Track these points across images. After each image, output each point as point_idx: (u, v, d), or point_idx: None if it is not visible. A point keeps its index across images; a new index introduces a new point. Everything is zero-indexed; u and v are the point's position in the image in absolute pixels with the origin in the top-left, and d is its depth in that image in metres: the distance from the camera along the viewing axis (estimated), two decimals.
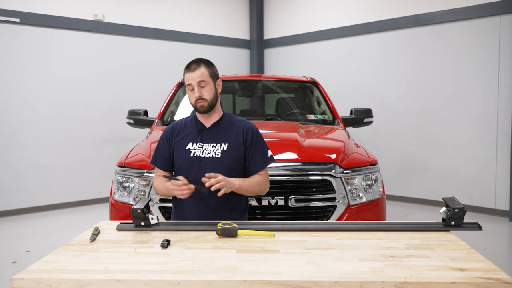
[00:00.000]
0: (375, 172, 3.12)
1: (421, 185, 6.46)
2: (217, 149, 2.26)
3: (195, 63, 2.27)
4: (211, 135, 2.29)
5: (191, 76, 2.25)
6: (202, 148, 2.27)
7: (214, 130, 2.30)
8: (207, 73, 2.25)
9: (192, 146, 2.28)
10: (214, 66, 2.33)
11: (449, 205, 1.93)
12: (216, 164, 2.23)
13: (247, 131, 2.31)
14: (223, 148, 2.26)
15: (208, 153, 2.25)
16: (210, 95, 2.25)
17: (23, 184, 5.98)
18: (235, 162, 2.27)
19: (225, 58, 8.24)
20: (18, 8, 5.86)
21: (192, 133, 2.31)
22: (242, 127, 2.32)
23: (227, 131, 2.31)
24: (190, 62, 2.30)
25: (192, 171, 2.25)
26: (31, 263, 1.58)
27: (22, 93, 5.96)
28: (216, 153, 2.25)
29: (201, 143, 2.28)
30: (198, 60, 2.29)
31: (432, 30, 6.22)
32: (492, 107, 5.70)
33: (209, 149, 2.26)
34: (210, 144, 2.27)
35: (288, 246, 1.75)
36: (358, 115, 4.38)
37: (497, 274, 1.44)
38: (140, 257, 1.64)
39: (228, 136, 2.29)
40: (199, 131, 2.30)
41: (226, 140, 2.28)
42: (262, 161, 2.31)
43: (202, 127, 2.31)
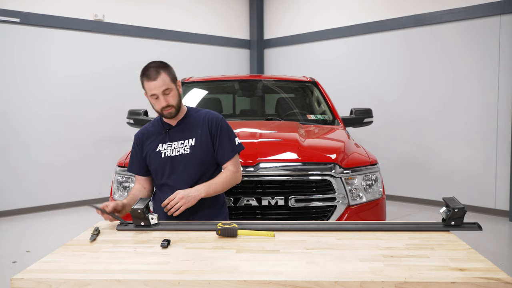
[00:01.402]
0: (375, 172, 3.11)
1: (421, 185, 6.46)
2: (185, 146, 2.28)
3: (153, 71, 2.20)
4: (178, 133, 2.32)
5: (154, 85, 2.19)
6: (172, 147, 2.29)
7: (180, 128, 2.33)
8: (169, 79, 2.22)
9: (162, 147, 2.31)
10: (171, 67, 2.29)
11: (449, 205, 1.93)
12: (187, 160, 2.26)
13: (212, 122, 2.33)
14: (191, 143, 2.28)
15: (178, 151, 2.28)
16: (175, 100, 2.25)
17: (23, 184, 5.98)
18: (205, 155, 2.29)
19: (225, 58, 8.24)
20: (18, 8, 5.86)
21: (160, 135, 2.34)
22: (206, 119, 2.34)
23: (193, 126, 2.33)
24: (147, 69, 2.21)
25: (166, 171, 2.29)
26: (31, 263, 1.58)
27: (22, 93, 5.96)
28: (185, 150, 2.27)
29: (169, 143, 2.30)
30: (156, 66, 2.22)
31: (432, 30, 6.22)
32: (492, 107, 5.70)
33: (178, 147, 2.29)
34: (178, 142, 2.30)
35: (288, 246, 1.75)
36: (358, 115, 4.38)
37: (497, 274, 1.44)
38: (140, 257, 1.64)
39: (194, 131, 2.31)
40: (166, 132, 2.32)
41: (193, 135, 2.30)
42: (230, 150, 2.33)
43: (168, 127, 2.33)
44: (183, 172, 2.27)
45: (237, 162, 2.36)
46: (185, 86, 4.57)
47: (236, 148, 2.35)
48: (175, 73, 2.31)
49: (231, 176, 2.30)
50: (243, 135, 3.31)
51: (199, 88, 4.69)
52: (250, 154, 2.87)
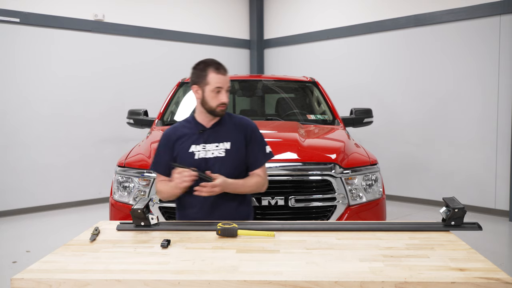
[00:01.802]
0: (375, 172, 3.12)
1: (421, 185, 6.46)
2: (220, 149, 2.26)
3: (223, 66, 2.23)
4: (213, 135, 2.29)
5: (224, 79, 2.21)
6: (206, 149, 2.26)
7: (215, 130, 2.30)
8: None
9: (196, 148, 2.26)
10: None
11: (449, 205, 1.93)
12: (221, 163, 2.24)
13: (247, 128, 2.33)
14: (226, 147, 2.26)
15: (212, 153, 2.25)
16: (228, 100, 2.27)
17: (23, 184, 5.98)
18: (238, 159, 2.28)
19: (225, 58, 8.20)
20: (18, 8, 5.86)
21: (193, 135, 2.29)
22: (242, 125, 2.33)
23: (228, 130, 2.31)
24: (214, 62, 2.23)
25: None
26: (31, 263, 1.58)
27: (22, 93, 5.96)
28: (220, 153, 2.25)
29: (204, 144, 2.26)
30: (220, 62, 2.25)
31: (432, 30, 6.22)
32: (492, 107, 5.70)
33: (213, 149, 2.26)
34: (213, 144, 2.27)
35: (288, 246, 1.75)
36: (358, 115, 4.38)
37: (497, 274, 1.44)
38: (140, 257, 1.64)
39: (229, 135, 2.29)
40: (201, 133, 2.29)
41: (228, 139, 2.28)
42: (261, 158, 2.33)
43: (203, 128, 2.30)
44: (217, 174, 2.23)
45: (265, 171, 2.37)
46: (185, 86, 4.57)
47: (267, 156, 2.35)
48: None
49: (259, 184, 2.31)
50: None
51: None
52: None
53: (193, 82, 2.26)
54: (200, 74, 2.22)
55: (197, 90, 2.24)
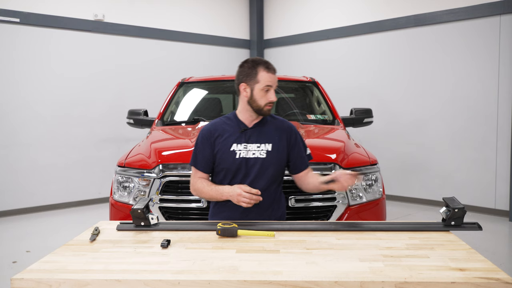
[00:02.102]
0: (375, 172, 3.11)
1: (421, 185, 6.46)
2: (261, 149, 2.24)
3: (271, 65, 2.23)
4: (254, 135, 2.27)
5: (273, 78, 2.21)
6: (247, 148, 2.24)
7: (257, 130, 2.28)
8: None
9: (237, 147, 2.24)
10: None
11: (449, 205, 1.93)
12: (262, 164, 2.23)
13: (290, 131, 2.33)
14: (267, 148, 2.25)
15: (253, 153, 2.24)
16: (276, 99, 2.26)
17: (23, 184, 5.98)
18: (279, 162, 2.27)
19: (225, 58, 8.23)
20: (18, 8, 5.86)
21: (234, 134, 2.26)
22: (284, 127, 2.32)
23: (270, 131, 2.29)
24: (264, 61, 2.22)
25: (239, 173, 2.24)
26: (31, 263, 1.58)
27: (22, 93, 5.96)
28: (261, 154, 2.24)
29: (245, 144, 2.24)
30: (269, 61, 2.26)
31: (432, 30, 6.22)
32: (492, 107, 5.70)
33: (254, 149, 2.24)
34: (254, 144, 2.25)
35: (288, 246, 1.75)
36: (358, 115, 4.38)
37: (497, 274, 1.44)
38: (140, 257, 1.64)
39: (271, 136, 2.27)
40: (243, 132, 2.26)
41: (270, 140, 2.27)
42: (305, 161, 2.35)
43: (245, 127, 2.27)
44: (256, 176, 2.23)
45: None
46: (185, 86, 4.57)
47: (309, 157, 2.38)
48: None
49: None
50: None
51: (199, 88, 4.69)
52: None
53: (241, 80, 2.24)
54: (249, 72, 2.20)
55: (245, 88, 2.22)
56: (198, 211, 2.88)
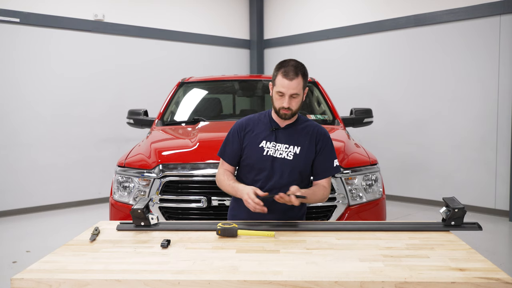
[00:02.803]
0: (375, 172, 3.11)
1: (421, 185, 6.46)
2: (289, 151, 2.23)
3: (293, 70, 2.14)
4: (285, 136, 2.26)
5: (288, 84, 2.13)
6: (275, 148, 2.24)
7: (288, 131, 2.27)
8: (302, 85, 2.18)
9: (266, 144, 2.24)
10: (307, 74, 2.24)
11: (449, 205, 1.93)
12: (287, 166, 2.22)
13: (320, 136, 2.29)
14: (295, 151, 2.23)
15: (280, 153, 2.23)
16: (297, 106, 2.21)
17: (23, 184, 5.98)
18: (305, 166, 2.25)
19: (225, 58, 8.24)
20: (18, 8, 5.86)
21: (265, 131, 2.27)
22: (316, 132, 2.29)
23: (301, 134, 2.27)
24: (287, 65, 2.16)
25: (264, 170, 2.23)
26: (31, 263, 1.58)
27: (22, 93, 5.96)
28: (288, 155, 2.22)
29: (274, 143, 2.24)
30: (298, 66, 2.18)
31: (432, 30, 6.22)
32: (492, 107, 5.70)
33: (282, 149, 2.23)
34: (283, 145, 2.24)
35: (288, 246, 1.75)
36: (358, 115, 4.38)
37: (497, 274, 1.44)
38: (140, 257, 1.64)
39: (301, 140, 2.26)
40: (273, 130, 2.26)
41: (299, 143, 2.25)
42: (329, 169, 2.28)
43: (277, 126, 2.27)
44: (281, 177, 2.22)
45: (330, 183, 2.31)
46: (185, 86, 4.57)
47: (334, 170, 2.30)
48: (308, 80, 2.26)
49: (325, 195, 2.26)
50: None
51: (199, 88, 4.69)
52: None
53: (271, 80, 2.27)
54: (274, 73, 2.22)
55: (271, 88, 2.26)
56: (198, 211, 2.88)
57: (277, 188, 2.19)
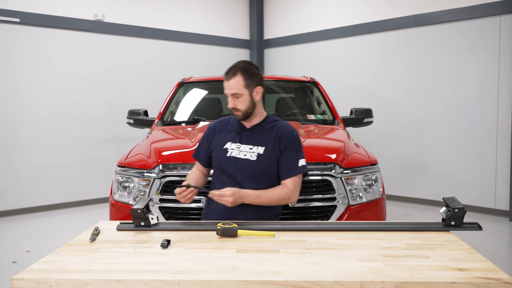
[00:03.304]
0: (375, 172, 3.11)
1: (421, 185, 6.46)
2: (253, 152, 2.24)
3: (231, 71, 2.19)
4: (249, 136, 2.27)
5: (225, 85, 2.20)
6: (239, 149, 2.25)
7: (253, 132, 2.28)
8: (241, 84, 2.17)
9: (230, 145, 2.27)
10: (254, 72, 2.21)
11: (449, 205, 1.93)
12: (251, 167, 2.22)
13: (284, 136, 2.26)
14: (259, 151, 2.24)
15: (244, 154, 2.24)
16: (244, 106, 2.20)
17: (23, 184, 5.98)
18: (270, 167, 2.24)
19: (225, 58, 8.23)
20: (18, 8, 5.86)
21: (232, 133, 2.30)
22: (280, 131, 2.27)
23: (267, 134, 2.27)
24: (230, 67, 2.22)
25: (227, 171, 2.25)
26: (31, 263, 1.58)
27: (22, 93, 5.96)
28: (252, 156, 2.23)
29: (239, 144, 2.26)
30: (238, 66, 2.20)
31: (432, 30, 6.22)
32: (492, 107, 5.70)
33: (246, 150, 2.24)
34: (247, 145, 2.25)
35: (288, 246, 1.75)
36: (358, 115, 4.38)
37: (497, 274, 1.44)
38: (140, 257, 1.64)
39: (266, 140, 2.26)
40: (239, 132, 2.29)
41: (264, 143, 2.25)
42: (290, 169, 2.23)
43: (242, 127, 2.29)
44: (245, 177, 2.22)
45: (297, 183, 2.25)
46: (185, 86, 4.57)
47: (297, 170, 2.23)
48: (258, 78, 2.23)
49: (286, 195, 2.20)
50: None
51: (199, 88, 4.69)
52: None
53: None
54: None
55: None
56: (198, 211, 2.88)
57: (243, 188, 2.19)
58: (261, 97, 2.28)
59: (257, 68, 2.27)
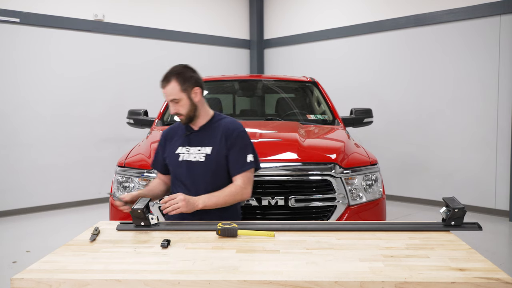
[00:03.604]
0: (375, 172, 3.11)
1: (421, 185, 6.46)
2: (201, 153, 2.26)
3: (166, 77, 2.23)
4: (198, 138, 2.29)
5: (164, 92, 2.24)
6: (189, 152, 2.28)
7: (201, 134, 2.30)
8: (178, 89, 2.19)
9: (181, 150, 2.30)
10: (188, 75, 2.22)
11: (449, 205, 1.93)
12: (202, 169, 2.24)
13: (229, 132, 2.27)
14: (207, 152, 2.25)
15: (194, 157, 2.26)
16: (185, 109, 2.22)
17: (23, 184, 5.98)
18: (219, 166, 2.25)
19: (225, 58, 8.23)
20: (18, 8, 5.86)
21: (182, 137, 2.33)
22: (226, 129, 2.28)
23: (213, 133, 2.29)
24: (165, 73, 2.25)
25: (181, 176, 2.28)
26: (31, 263, 1.58)
27: (22, 93, 5.96)
28: (200, 157, 2.25)
29: (188, 147, 2.29)
30: (171, 72, 2.22)
31: (432, 30, 6.22)
32: (492, 107, 5.70)
33: (195, 153, 2.27)
34: (196, 147, 2.28)
35: (288, 246, 1.74)
36: (358, 115, 4.38)
37: (497, 274, 1.44)
38: (140, 257, 1.64)
39: (213, 139, 2.27)
40: (187, 135, 2.31)
41: (211, 143, 2.27)
42: (239, 166, 2.24)
43: (191, 130, 2.32)
44: (197, 179, 2.24)
45: (247, 179, 2.25)
46: None
47: (246, 165, 2.24)
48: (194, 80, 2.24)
49: (236, 192, 2.21)
50: None
51: None
52: None
53: None
54: None
55: None
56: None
57: (197, 190, 2.21)
58: (202, 98, 2.30)
59: (192, 70, 2.28)
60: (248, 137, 2.32)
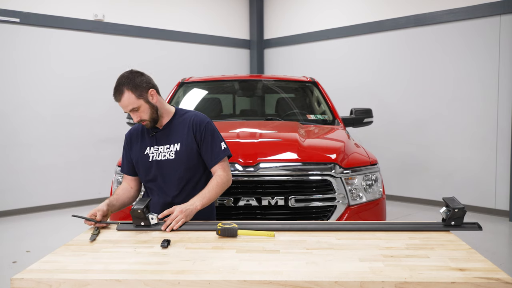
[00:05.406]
0: (375, 172, 3.11)
1: (421, 185, 6.46)
2: (170, 151, 2.25)
3: (117, 90, 2.17)
4: (164, 136, 2.28)
5: (120, 105, 2.20)
6: (158, 151, 2.26)
7: (167, 131, 2.29)
8: (133, 97, 2.15)
9: (150, 150, 2.28)
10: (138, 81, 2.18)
11: (449, 205, 1.93)
12: (173, 166, 2.23)
13: (196, 126, 2.27)
14: (176, 148, 2.24)
15: (164, 155, 2.25)
16: (147, 115, 2.21)
17: (23, 184, 5.98)
18: (190, 160, 2.25)
19: (225, 58, 8.23)
20: (18, 8, 5.86)
21: (148, 138, 2.31)
22: (192, 123, 2.27)
23: (179, 129, 2.28)
24: (114, 87, 2.19)
25: (154, 175, 2.27)
26: (31, 263, 1.58)
27: (22, 93, 5.96)
28: (170, 155, 2.24)
29: (156, 146, 2.27)
30: (119, 83, 2.17)
31: (432, 30, 6.22)
32: (492, 107, 5.70)
33: (164, 151, 2.26)
34: (164, 146, 2.27)
35: (288, 246, 1.75)
36: (358, 115, 4.38)
37: (497, 274, 1.44)
38: (140, 257, 1.64)
39: (180, 135, 2.27)
40: (153, 135, 2.29)
41: (178, 139, 2.26)
42: (215, 156, 2.25)
43: (156, 130, 2.30)
44: (169, 177, 2.24)
45: (225, 166, 2.28)
46: (185, 86, 4.57)
47: (221, 154, 2.26)
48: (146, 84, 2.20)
49: (221, 181, 2.22)
50: (243, 135, 3.31)
51: (199, 88, 4.69)
52: (250, 154, 2.87)
53: None
54: None
55: None
56: None
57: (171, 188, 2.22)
58: (159, 97, 2.28)
59: (140, 74, 2.23)
60: (215, 127, 2.34)
